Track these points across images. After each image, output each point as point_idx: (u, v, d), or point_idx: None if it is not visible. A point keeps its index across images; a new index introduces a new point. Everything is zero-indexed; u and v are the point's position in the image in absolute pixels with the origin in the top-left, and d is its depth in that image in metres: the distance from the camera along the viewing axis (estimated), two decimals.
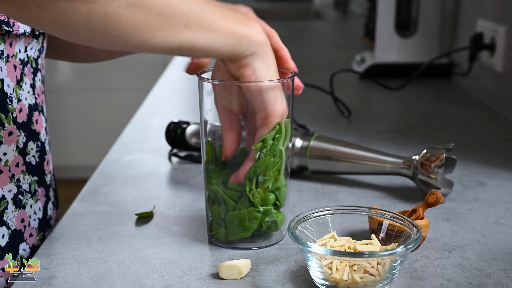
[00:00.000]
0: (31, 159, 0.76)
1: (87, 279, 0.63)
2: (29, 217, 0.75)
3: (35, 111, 0.77)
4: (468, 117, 1.24)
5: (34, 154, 0.76)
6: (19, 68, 0.73)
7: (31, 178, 0.76)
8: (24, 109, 0.74)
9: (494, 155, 1.00)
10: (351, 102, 1.30)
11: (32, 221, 0.76)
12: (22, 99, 0.74)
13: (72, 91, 3.30)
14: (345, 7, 3.13)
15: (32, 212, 0.76)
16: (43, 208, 0.79)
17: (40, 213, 0.78)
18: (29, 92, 0.75)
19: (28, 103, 0.75)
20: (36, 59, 0.78)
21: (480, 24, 1.38)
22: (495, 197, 0.84)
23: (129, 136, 1.12)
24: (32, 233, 0.76)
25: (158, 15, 0.56)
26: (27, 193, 0.75)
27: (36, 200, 0.77)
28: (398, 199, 0.83)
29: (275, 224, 0.71)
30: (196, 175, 0.92)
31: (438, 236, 0.73)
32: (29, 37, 0.74)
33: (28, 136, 0.75)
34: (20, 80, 0.73)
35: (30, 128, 0.75)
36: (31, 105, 0.76)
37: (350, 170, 0.87)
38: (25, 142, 0.74)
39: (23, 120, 0.74)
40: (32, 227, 0.76)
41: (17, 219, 0.73)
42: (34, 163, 0.76)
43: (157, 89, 1.49)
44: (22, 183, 0.74)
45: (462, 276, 0.64)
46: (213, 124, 0.69)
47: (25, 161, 0.74)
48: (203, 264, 0.66)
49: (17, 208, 0.73)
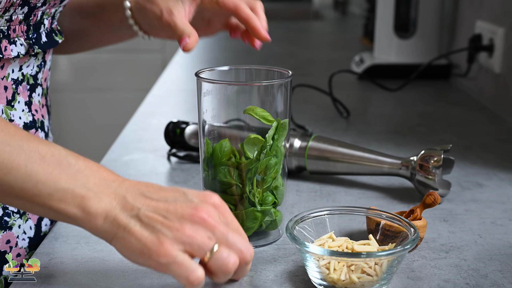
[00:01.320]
0: None
1: (86, 278, 0.64)
2: (16, 238, 0.73)
3: (31, 128, 0.75)
4: (467, 118, 1.25)
5: None
6: (11, 88, 0.71)
7: None
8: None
9: (492, 156, 1.01)
10: (350, 103, 1.30)
11: (21, 241, 0.74)
12: (15, 119, 0.72)
13: (71, 90, 3.30)
14: (344, 7, 3.13)
15: (21, 232, 0.74)
16: (35, 226, 0.77)
17: (32, 232, 0.76)
18: (23, 111, 0.73)
19: (23, 121, 0.73)
20: (35, 75, 0.76)
21: (479, 26, 1.38)
22: (492, 198, 0.84)
23: (128, 136, 1.12)
24: (20, 253, 0.74)
25: None
26: (14, 214, 0.73)
27: (26, 220, 0.75)
28: (396, 199, 0.84)
29: (274, 222, 0.71)
30: (195, 175, 0.92)
31: (436, 236, 0.73)
32: (25, 57, 0.73)
33: None
34: (11, 100, 0.71)
35: None
36: (27, 123, 0.74)
37: (348, 171, 0.88)
38: None
39: None
40: (20, 247, 0.74)
41: (1, 241, 0.72)
42: None
43: (156, 89, 1.50)
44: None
45: (459, 277, 0.64)
46: (211, 124, 0.70)
47: None
48: None
49: (2, 230, 0.72)
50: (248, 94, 0.69)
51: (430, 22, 1.57)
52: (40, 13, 0.73)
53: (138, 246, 0.54)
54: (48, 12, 0.75)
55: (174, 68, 1.77)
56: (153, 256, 0.54)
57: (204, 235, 0.55)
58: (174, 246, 0.54)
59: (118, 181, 0.58)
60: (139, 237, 0.54)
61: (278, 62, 1.81)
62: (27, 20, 0.71)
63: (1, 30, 0.68)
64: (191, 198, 0.57)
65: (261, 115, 0.67)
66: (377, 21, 1.66)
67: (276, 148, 0.68)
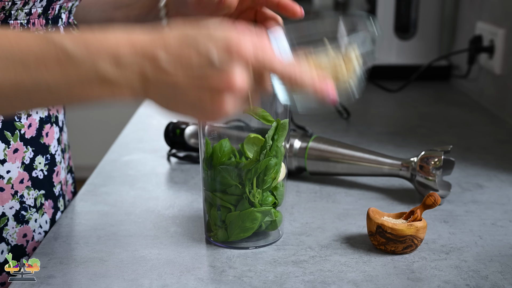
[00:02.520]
0: (38, 173, 0.74)
1: (85, 278, 0.64)
2: (32, 232, 0.75)
3: (47, 123, 0.76)
4: (467, 119, 1.24)
5: (42, 168, 0.75)
6: None
7: (37, 193, 0.75)
8: (34, 124, 0.73)
9: (492, 157, 1.01)
10: (350, 104, 1.30)
11: (37, 235, 0.75)
12: (32, 114, 0.73)
13: None
14: (345, 8, 3.13)
15: (37, 226, 0.75)
16: (50, 220, 0.78)
17: (47, 226, 0.77)
18: None
19: (39, 116, 0.74)
20: None
21: (479, 27, 1.38)
22: (492, 199, 0.84)
23: (128, 136, 1.12)
24: (36, 247, 0.75)
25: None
26: (31, 208, 0.74)
27: (43, 214, 0.76)
28: (396, 200, 0.84)
29: (274, 223, 0.71)
30: (195, 176, 0.92)
31: (436, 238, 0.73)
32: None
33: (36, 150, 0.74)
34: None
35: (39, 142, 0.74)
36: (43, 118, 0.75)
37: (348, 172, 0.87)
38: (32, 157, 0.73)
39: (31, 135, 0.73)
40: (36, 241, 0.75)
41: (18, 235, 0.73)
42: (41, 177, 0.75)
43: None
44: (26, 199, 0.73)
45: (459, 278, 0.64)
46: (211, 124, 0.70)
47: (31, 176, 0.73)
48: (201, 264, 0.67)
49: (19, 224, 0.73)
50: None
51: (430, 23, 1.56)
52: (58, 7, 0.73)
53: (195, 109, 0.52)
54: (65, 6, 0.75)
55: None
56: (209, 118, 0.53)
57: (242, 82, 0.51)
58: (228, 105, 0.51)
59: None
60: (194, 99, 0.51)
61: None
62: (45, 14, 0.71)
63: (21, 23, 0.68)
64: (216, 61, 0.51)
65: (261, 115, 0.67)
66: (377, 22, 1.65)
67: (276, 148, 0.68)
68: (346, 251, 0.69)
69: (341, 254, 0.69)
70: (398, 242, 0.67)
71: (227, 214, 0.69)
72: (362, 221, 0.76)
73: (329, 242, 0.71)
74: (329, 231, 0.74)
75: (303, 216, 0.78)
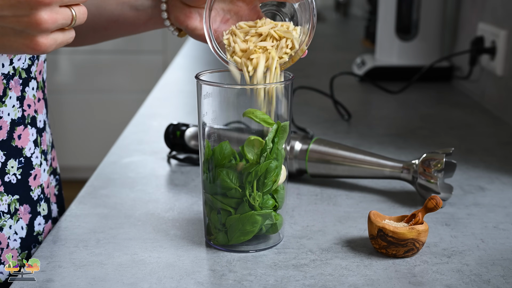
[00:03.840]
0: (11, 178, 0.72)
1: (84, 282, 0.63)
2: (7, 239, 0.72)
3: (19, 125, 0.73)
4: (468, 121, 1.24)
5: (15, 172, 0.72)
6: (2, 84, 0.69)
7: (11, 198, 0.72)
8: (4, 126, 0.70)
9: (494, 160, 1.00)
10: (351, 105, 1.29)
11: (12, 241, 0.73)
12: (3, 116, 0.70)
13: (71, 91, 3.30)
14: (346, 9, 3.12)
15: (12, 233, 0.73)
16: (27, 226, 0.75)
17: (23, 232, 0.74)
18: (13, 106, 0.71)
19: (11, 118, 0.71)
20: (28, 68, 0.73)
21: (481, 28, 1.37)
22: (494, 202, 0.84)
23: (128, 138, 1.11)
24: (13, 254, 0.73)
25: None
26: (5, 214, 0.72)
27: (17, 220, 0.73)
28: (398, 203, 0.83)
29: (274, 226, 0.70)
30: (195, 178, 0.92)
31: (438, 241, 0.72)
32: None
33: (8, 154, 0.71)
34: (2, 95, 0.70)
35: (10, 146, 0.71)
36: (14, 120, 0.72)
37: (349, 174, 0.87)
38: (4, 162, 0.71)
39: (2, 138, 0.70)
40: (11, 248, 0.73)
41: None
42: (14, 181, 0.72)
43: (157, 90, 1.49)
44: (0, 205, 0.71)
45: (461, 282, 0.63)
46: (211, 126, 0.69)
47: (3, 181, 0.71)
48: (201, 268, 0.66)
49: None
50: (248, 97, 0.69)
51: (432, 24, 1.56)
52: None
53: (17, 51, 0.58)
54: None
55: (175, 69, 1.77)
56: (36, 52, 0.58)
57: (61, 11, 0.58)
58: (47, 39, 0.58)
59: None
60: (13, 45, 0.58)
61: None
62: None
63: None
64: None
65: (261, 118, 0.67)
66: (378, 23, 1.65)
67: (277, 151, 0.68)
68: (347, 254, 0.69)
69: (342, 257, 0.68)
70: (400, 245, 0.67)
71: (227, 217, 0.69)
72: (363, 224, 0.76)
73: (330, 245, 0.71)
74: (330, 234, 0.74)
75: (303, 219, 0.78)
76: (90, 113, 3.35)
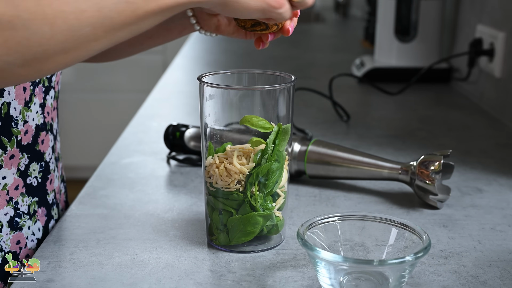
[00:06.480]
0: (32, 180, 0.74)
1: (84, 282, 0.64)
2: (25, 239, 0.74)
3: (42, 131, 0.76)
4: (467, 122, 1.25)
5: (36, 175, 0.75)
6: (29, 90, 0.72)
7: (31, 200, 0.74)
8: (30, 131, 0.73)
9: (492, 161, 1.01)
10: (350, 107, 1.30)
11: (30, 242, 0.75)
12: (29, 120, 0.73)
13: (72, 91, 3.31)
14: (345, 10, 3.13)
15: (30, 233, 0.75)
16: (43, 228, 0.77)
17: (40, 233, 0.76)
18: (37, 112, 0.74)
19: (35, 123, 0.74)
20: (50, 77, 0.76)
21: (480, 30, 1.38)
22: (492, 204, 0.84)
23: (128, 138, 1.12)
24: (29, 254, 0.75)
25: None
26: (25, 215, 0.74)
27: (35, 221, 0.76)
28: (396, 204, 0.84)
29: (276, 227, 0.71)
30: (194, 179, 0.92)
31: (435, 242, 0.73)
32: None
33: (31, 157, 0.74)
34: (29, 101, 0.72)
35: (34, 149, 0.74)
36: (38, 125, 0.75)
37: (348, 175, 0.88)
38: (27, 164, 0.73)
39: (27, 142, 0.73)
40: (29, 248, 0.75)
41: (12, 241, 0.72)
42: (35, 184, 0.75)
43: (156, 91, 1.49)
44: (21, 205, 0.73)
45: (458, 283, 0.64)
46: (213, 127, 0.70)
47: (25, 183, 0.73)
48: (200, 269, 0.67)
49: (13, 231, 0.72)
50: (250, 98, 0.69)
51: (431, 26, 1.57)
52: None
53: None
54: None
55: (175, 70, 1.77)
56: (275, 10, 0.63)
57: None
58: None
59: None
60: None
61: (279, 65, 1.81)
62: None
63: None
64: None
65: (258, 124, 0.67)
66: (377, 24, 1.66)
67: (278, 153, 0.68)
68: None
69: None
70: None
71: (229, 218, 0.69)
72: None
73: None
74: None
75: (302, 219, 0.78)
76: (90, 113, 3.35)
